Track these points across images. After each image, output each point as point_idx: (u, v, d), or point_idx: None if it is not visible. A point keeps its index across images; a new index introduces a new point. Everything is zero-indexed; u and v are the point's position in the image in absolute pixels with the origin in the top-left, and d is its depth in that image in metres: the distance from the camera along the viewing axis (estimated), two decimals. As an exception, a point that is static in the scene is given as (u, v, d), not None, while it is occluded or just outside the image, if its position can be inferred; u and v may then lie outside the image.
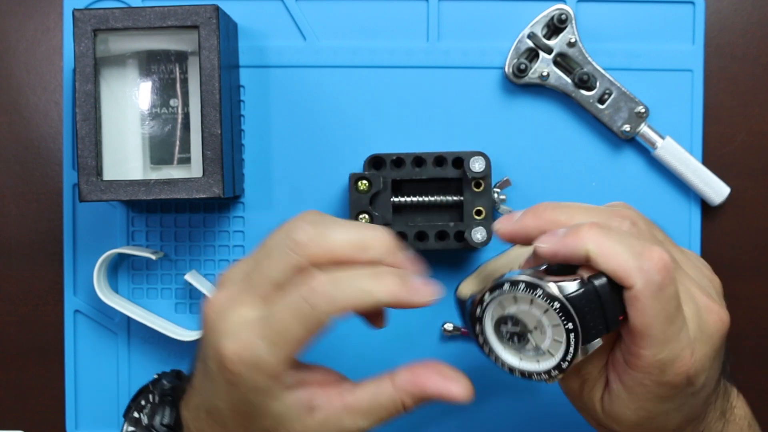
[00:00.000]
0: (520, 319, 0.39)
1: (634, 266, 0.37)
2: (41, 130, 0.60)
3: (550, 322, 0.39)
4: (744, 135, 0.59)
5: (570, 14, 0.57)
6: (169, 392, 0.49)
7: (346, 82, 0.58)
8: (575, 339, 0.38)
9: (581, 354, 0.38)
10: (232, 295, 0.41)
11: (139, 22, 0.52)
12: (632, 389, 0.40)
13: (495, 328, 0.40)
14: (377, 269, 0.40)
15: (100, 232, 0.58)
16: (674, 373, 0.39)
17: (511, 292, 0.39)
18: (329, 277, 0.39)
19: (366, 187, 0.54)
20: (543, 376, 0.39)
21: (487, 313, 0.40)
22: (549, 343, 0.39)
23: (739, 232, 0.59)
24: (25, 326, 0.60)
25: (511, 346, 0.40)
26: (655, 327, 0.37)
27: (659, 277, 0.37)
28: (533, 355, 0.40)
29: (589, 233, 0.38)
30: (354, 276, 0.39)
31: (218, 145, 0.52)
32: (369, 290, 0.39)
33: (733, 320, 0.60)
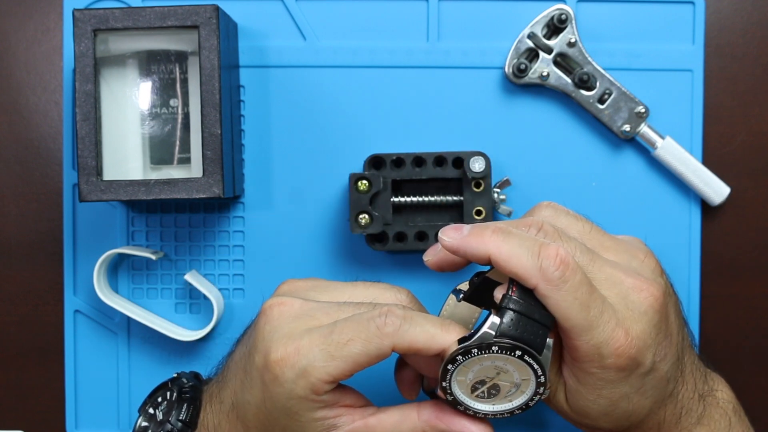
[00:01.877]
0: (483, 378, 0.41)
1: (532, 267, 0.39)
2: (41, 130, 0.60)
3: (503, 363, 0.40)
4: (744, 135, 0.59)
5: (570, 14, 0.57)
6: (188, 390, 0.49)
7: (346, 82, 0.58)
8: (531, 357, 0.40)
9: (545, 360, 0.40)
10: (307, 308, 0.44)
11: (139, 22, 0.52)
12: (584, 381, 0.41)
13: (471, 394, 0.42)
14: (448, 321, 0.42)
15: (100, 232, 0.58)
16: (614, 355, 0.40)
17: (460, 363, 0.41)
18: (403, 315, 0.41)
19: (366, 187, 0.54)
20: (536, 398, 0.42)
21: (454, 385, 0.42)
22: (517, 375, 0.41)
23: (739, 232, 0.59)
24: (25, 326, 0.60)
25: (494, 400, 0.42)
26: (573, 317, 0.39)
27: (558, 272, 0.39)
28: (516, 391, 0.41)
29: (491, 237, 0.40)
30: (425, 319, 0.41)
31: (218, 145, 0.52)
32: (435, 335, 0.41)
33: (733, 320, 0.60)
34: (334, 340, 0.41)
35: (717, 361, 0.59)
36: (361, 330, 0.41)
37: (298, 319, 0.43)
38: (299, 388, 0.41)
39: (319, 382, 0.41)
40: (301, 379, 0.41)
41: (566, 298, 0.39)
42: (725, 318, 0.59)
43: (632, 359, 0.41)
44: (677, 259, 0.58)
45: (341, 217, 0.58)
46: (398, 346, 0.41)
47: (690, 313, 0.58)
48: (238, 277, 0.59)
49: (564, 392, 0.43)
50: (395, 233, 0.55)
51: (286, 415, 0.42)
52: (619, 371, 0.41)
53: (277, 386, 0.41)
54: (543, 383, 0.41)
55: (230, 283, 0.59)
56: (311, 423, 0.42)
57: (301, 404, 0.42)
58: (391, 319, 0.41)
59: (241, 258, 0.59)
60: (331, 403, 0.42)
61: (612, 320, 0.40)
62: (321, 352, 0.41)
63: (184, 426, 0.47)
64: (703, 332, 0.59)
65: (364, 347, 0.40)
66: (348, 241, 0.58)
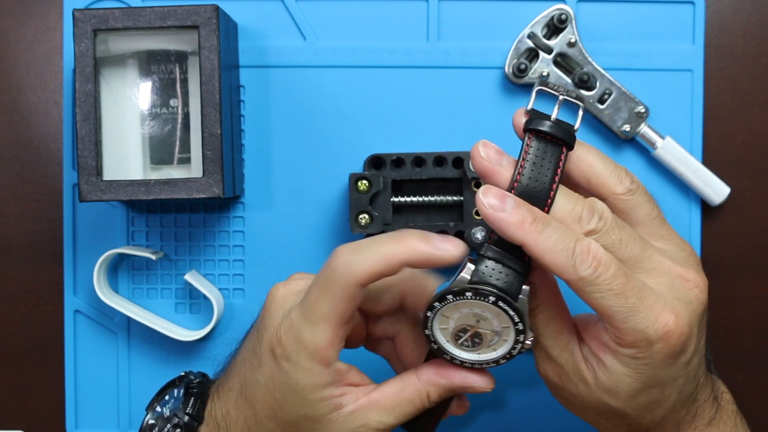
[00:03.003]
0: (464, 326, 0.42)
1: (565, 264, 0.39)
2: (41, 130, 0.60)
3: (481, 309, 0.41)
4: (744, 135, 0.59)
5: (570, 14, 0.57)
6: (195, 386, 0.49)
7: (346, 82, 0.58)
8: (506, 303, 0.40)
9: (522, 306, 0.41)
10: (304, 285, 0.44)
11: (139, 22, 0.52)
12: (629, 363, 0.41)
13: (456, 343, 0.42)
14: (398, 232, 0.41)
15: (100, 232, 0.58)
16: (664, 340, 0.40)
17: (438, 310, 0.41)
18: (350, 248, 0.41)
19: (366, 187, 0.54)
20: (517, 346, 0.42)
21: (437, 333, 0.42)
22: (497, 323, 0.41)
23: (739, 232, 0.59)
24: (25, 326, 0.60)
25: (478, 349, 0.42)
26: (610, 306, 0.40)
27: (590, 269, 0.39)
28: (498, 340, 0.42)
29: (531, 228, 0.40)
30: (374, 240, 0.41)
31: (218, 145, 0.52)
32: (388, 250, 0.40)
33: (732, 320, 0.60)
34: (306, 305, 0.42)
35: (717, 361, 0.59)
36: (322, 285, 0.41)
37: (296, 296, 0.44)
38: (302, 359, 0.42)
39: (318, 350, 0.41)
40: (301, 351, 0.42)
41: (600, 290, 0.40)
42: (725, 318, 0.59)
43: (682, 344, 0.41)
44: (677, 259, 0.58)
45: (341, 217, 0.58)
46: (359, 277, 0.40)
47: (690, 313, 0.58)
48: (238, 277, 0.59)
49: (593, 371, 0.42)
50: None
51: (295, 393, 0.43)
52: (668, 356, 0.41)
53: (285, 361, 0.42)
54: (522, 330, 0.41)
55: (230, 283, 0.59)
56: (318, 402, 0.43)
57: (309, 379, 0.42)
58: (339, 259, 0.41)
59: (241, 258, 0.59)
60: (336, 381, 0.43)
61: (658, 304, 0.40)
62: (303, 320, 0.41)
63: (191, 419, 0.47)
64: (703, 332, 0.59)
65: (330, 297, 0.41)
66: (348, 241, 0.58)
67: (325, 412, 0.43)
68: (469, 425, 0.59)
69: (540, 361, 0.44)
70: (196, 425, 0.47)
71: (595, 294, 0.40)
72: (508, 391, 0.59)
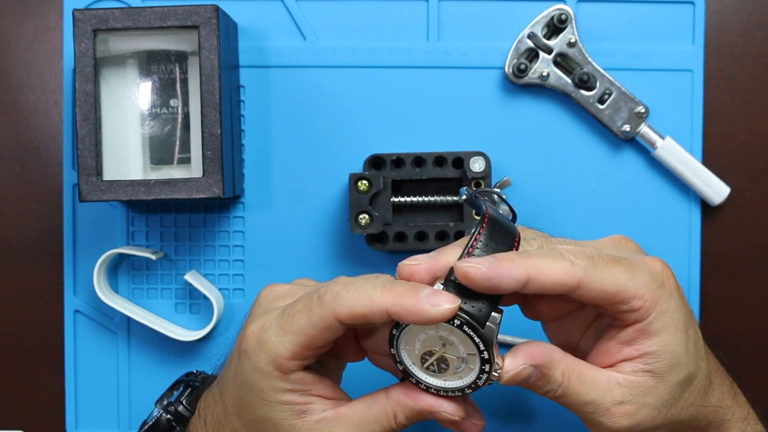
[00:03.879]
0: (430, 349, 0.41)
1: (564, 269, 0.40)
2: (41, 130, 0.60)
3: (447, 333, 0.40)
4: (744, 135, 0.59)
5: (570, 14, 0.56)
6: (198, 381, 0.51)
7: (346, 82, 0.58)
8: (471, 329, 0.39)
9: (489, 334, 0.39)
10: (292, 289, 0.45)
11: (139, 22, 0.52)
12: (662, 324, 0.42)
13: (422, 366, 0.41)
14: (391, 281, 0.40)
15: (100, 232, 0.58)
16: (665, 276, 0.42)
17: (403, 329, 0.40)
18: (345, 280, 0.41)
19: (366, 187, 0.54)
20: (483, 376, 0.40)
21: (403, 353, 0.41)
22: (463, 349, 0.40)
23: (739, 232, 0.59)
24: (25, 326, 0.60)
25: (444, 375, 0.41)
26: (616, 280, 0.41)
27: (586, 260, 0.40)
28: (464, 367, 0.41)
29: (524, 263, 0.40)
30: (366, 282, 0.40)
31: (218, 145, 0.52)
32: (374, 297, 0.39)
33: (733, 320, 0.60)
34: (286, 314, 0.41)
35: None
36: (306, 302, 0.41)
37: (280, 299, 0.44)
38: (261, 361, 0.41)
39: (278, 357, 0.41)
40: (261, 353, 0.41)
41: (604, 270, 0.40)
42: (725, 318, 0.59)
43: (670, 275, 0.43)
44: (677, 259, 0.58)
45: (341, 217, 0.58)
46: (339, 313, 0.40)
47: (690, 313, 0.58)
48: (238, 277, 0.59)
49: (650, 362, 0.42)
50: (395, 233, 0.55)
51: (253, 393, 0.42)
52: (677, 289, 0.42)
53: (245, 358, 0.42)
54: (487, 360, 0.40)
55: (230, 283, 0.59)
56: (278, 405, 0.42)
57: (266, 381, 0.42)
58: (330, 287, 0.40)
59: (241, 258, 0.59)
60: (301, 389, 0.42)
61: (640, 259, 0.42)
62: (276, 326, 0.41)
63: (185, 408, 0.49)
64: (703, 332, 0.59)
65: (308, 318, 0.40)
66: (348, 241, 0.58)
67: (286, 417, 0.42)
68: None
69: (600, 426, 0.42)
70: (188, 415, 0.48)
71: (601, 276, 0.40)
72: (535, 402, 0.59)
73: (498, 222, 0.41)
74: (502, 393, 0.59)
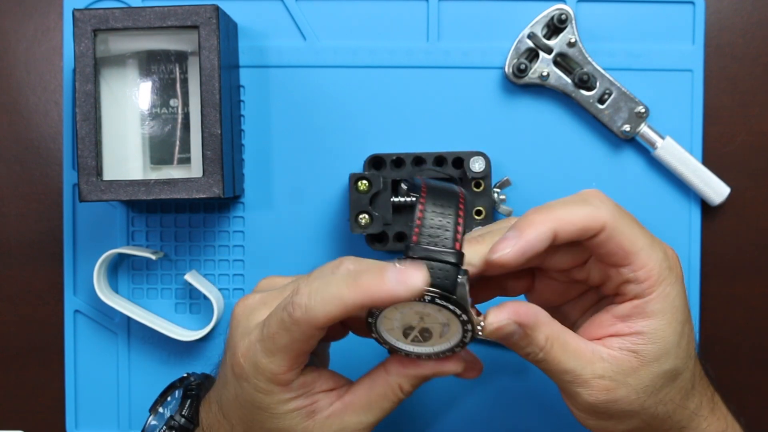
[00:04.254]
0: (410, 323, 0.41)
1: (585, 214, 0.41)
2: (41, 130, 0.60)
3: (421, 307, 0.40)
4: (744, 135, 0.59)
5: (570, 14, 0.56)
6: (194, 387, 0.50)
7: (346, 82, 0.58)
8: (443, 299, 0.39)
9: (461, 296, 0.39)
10: (263, 298, 0.43)
11: (139, 22, 0.52)
12: (660, 306, 0.42)
13: (407, 340, 0.41)
14: (355, 272, 0.39)
15: (100, 232, 0.58)
16: (674, 263, 0.43)
17: (377, 316, 0.40)
18: (309, 288, 0.39)
19: (366, 187, 0.54)
20: (468, 334, 0.40)
21: (385, 335, 0.41)
22: (441, 316, 0.40)
23: (739, 232, 0.59)
24: (25, 326, 0.60)
25: (431, 342, 0.41)
26: (639, 239, 0.42)
27: (610, 204, 0.42)
28: (448, 330, 0.41)
29: (544, 216, 0.41)
30: (328, 284, 0.39)
31: (218, 145, 0.52)
32: (343, 296, 0.38)
33: (732, 320, 0.60)
34: (265, 336, 0.41)
35: (717, 361, 0.59)
36: (279, 321, 0.40)
37: (255, 312, 0.43)
38: (261, 382, 0.41)
39: (275, 376, 0.41)
40: (259, 374, 0.41)
41: (627, 222, 0.41)
42: (725, 318, 0.59)
43: (681, 265, 0.43)
44: (677, 259, 0.58)
45: (341, 217, 0.58)
46: (316, 324, 0.39)
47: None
48: (238, 277, 0.59)
49: (633, 348, 0.42)
50: (395, 233, 0.55)
51: (260, 411, 0.42)
52: (680, 280, 0.42)
53: (243, 381, 0.42)
54: (467, 321, 0.39)
55: (230, 283, 0.59)
56: (287, 414, 0.42)
57: (269, 398, 0.42)
58: (298, 302, 0.39)
59: (241, 258, 0.59)
60: (304, 392, 0.42)
61: (658, 240, 0.43)
62: (261, 349, 0.41)
63: (188, 422, 0.48)
64: (703, 332, 0.59)
65: (288, 336, 0.40)
66: (348, 241, 0.58)
67: (297, 422, 0.42)
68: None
69: (575, 396, 0.42)
70: (192, 427, 0.48)
71: (624, 229, 0.41)
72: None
73: (436, 186, 0.41)
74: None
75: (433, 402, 0.59)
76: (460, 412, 0.59)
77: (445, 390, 0.58)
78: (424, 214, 0.40)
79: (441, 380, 0.58)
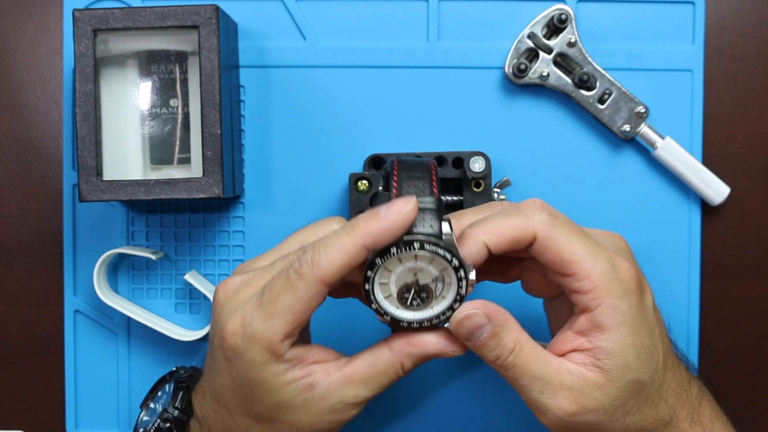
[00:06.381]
0: (406, 283, 0.42)
1: (521, 222, 0.42)
2: (41, 130, 0.60)
3: (413, 262, 0.41)
4: (744, 135, 0.59)
5: (570, 14, 0.57)
6: (184, 380, 0.50)
7: (346, 82, 0.58)
8: (431, 244, 0.40)
9: (449, 245, 0.41)
10: (244, 279, 0.44)
11: (139, 22, 0.52)
12: (615, 316, 0.42)
13: (406, 307, 0.42)
14: (352, 221, 0.41)
15: (100, 232, 0.58)
16: (627, 278, 0.42)
17: (373, 278, 0.41)
18: (311, 248, 0.41)
19: (366, 187, 0.54)
20: (462, 284, 0.41)
21: (383, 303, 0.42)
22: (434, 269, 0.42)
23: (739, 232, 0.59)
24: (25, 326, 0.60)
25: (430, 304, 0.42)
26: (576, 249, 0.42)
27: (544, 213, 0.42)
28: (443, 286, 0.42)
29: (476, 231, 0.42)
30: (330, 236, 0.41)
31: (218, 145, 0.52)
32: (346, 243, 0.40)
33: (732, 320, 0.60)
34: (266, 300, 0.41)
35: (718, 362, 0.59)
36: (284, 281, 0.41)
37: (239, 292, 0.44)
38: (256, 355, 0.41)
39: (271, 344, 0.41)
40: (254, 347, 0.41)
41: (563, 231, 0.41)
42: (725, 318, 0.59)
43: (639, 281, 0.43)
44: (677, 259, 0.58)
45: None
46: (325, 278, 0.40)
47: (690, 313, 0.58)
48: (238, 277, 0.59)
49: (596, 364, 0.42)
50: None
51: (258, 388, 0.42)
52: (632, 293, 0.42)
53: (237, 360, 0.42)
54: (459, 266, 0.41)
55: (230, 283, 0.59)
56: (285, 388, 0.42)
57: (266, 371, 0.42)
58: (304, 259, 0.41)
59: (241, 258, 0.59)
60: (297, 362, 0.43)
61: (605, 251, 0.42)
62: (259, 315, 0.41)
63: (181, 413, 0.48)
64: (703, 332, 0.59)
65: (293, 295, 0.41)
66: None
67: (296, 394, 0.43)
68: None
69: (545, 409, 0.43)
70: (186, 419, 0.48)
71: (559, 238, 0.41)
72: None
73: (407, 161, 0.44)
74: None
75: (433, 401, 0.59)
76: (464, 411, 0.59)
77: (445, 391, 0.59)
78: (399, 184, 0.42)
79: (438, 381, 0.58)
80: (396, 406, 0.59)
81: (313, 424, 0.43)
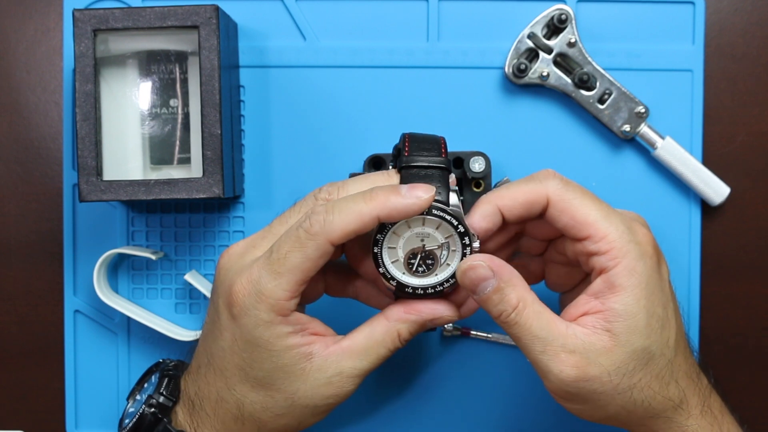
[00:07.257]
0: (413, 250, 0.43)
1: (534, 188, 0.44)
2: (41, 130, 0.60)
3: (420, 228, 0.43)
4: (744, 135, 0.59)
5: (570, 14, 0.57)
6: (171, 368, 0.51)
7: (346, 82, 0.58)
8: (438, 209, 0.42)
9: (456, 213, 0.43)
10: (249, 242, 0.45)
11: (139, 22, 0.52)
12: (628, 280, 0.42)
13: (412, 273, 0.44)
14: (370, 190, 0.42)
15: (100, 232, 0.58)
16: (644, 242, 0.43)
17: (382, 242, 0.43)
18: (325, 205, 0.42)
19: (366, 187, 0.54)
20: (467, 250, 0.43)
21: (391, 269, 0.44)
22: (440, 235, 0.43)
23: (739, 232, 0.59)
24: (25, 326, 0.60)
25: (435, 270, 0.44)
26: (592, 211, 0.43)
27: (559, 181, 0.44)
28: (448, 253, 0.44)
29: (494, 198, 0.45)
30: (346, 199, 0.42)
31: (218, 145, 0.52)
32: (361, 210, 0.41)
33: (732, 320, 0.60)
34: (274, 258, 0.42)
35: (718, 362, 0.59)
36: (293, 239, 0.42)
37: (245, 254, 0.45)
38: (262, 312, 0.42)
39: (278, 301, 0.42)
40: (260, 304, 0.42)
41: (576, 194, 0.42)
42: (725, 318, 0.59)
43: (656, 249, 0.43)
44: (677, 259, 0.58)
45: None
46: (333, 238, 0.41)
47: (690, 313, 0.58)
48: (238, 277, 0.59)
49: (606, 327, 0.42)
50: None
51: (259, 347, 0.43)
52: (649, 257, 0.43)
53: (243, 317, 0.43)
54: (464, 233, 0.43)
55: (230, 283, 0.59)
56: (285, 353, 0.43)
57: (269, 331, 0.43)
58: (315, 218, 0.42)
59: (241, 258, 0.59)
60: (299, 329, 0.43)
61: (620, 215, 0.43)
62: (267, 272, 0.42)
63: (166, 398, 0.48)
64: (703, 332, 0.59)
65: (302, 253, 0.42)
66: (348, 241, 0.58)
67: (294, 362, 0.43)
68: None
69: (547, 370, 0.43)
70: (171, 404, 0.48)
71: (572, 201, 0.42)
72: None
73: (418, 135, 0.45)
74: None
75: (435, 401, 0.59)
76: (463, 411, 0.59)
77: (448, 390, 0.59)
78: (410, 153, 0.44)
79: (444, 379, 0.58)
80: (396, 406, 0.59)
81: (310, 398, 0.44)
